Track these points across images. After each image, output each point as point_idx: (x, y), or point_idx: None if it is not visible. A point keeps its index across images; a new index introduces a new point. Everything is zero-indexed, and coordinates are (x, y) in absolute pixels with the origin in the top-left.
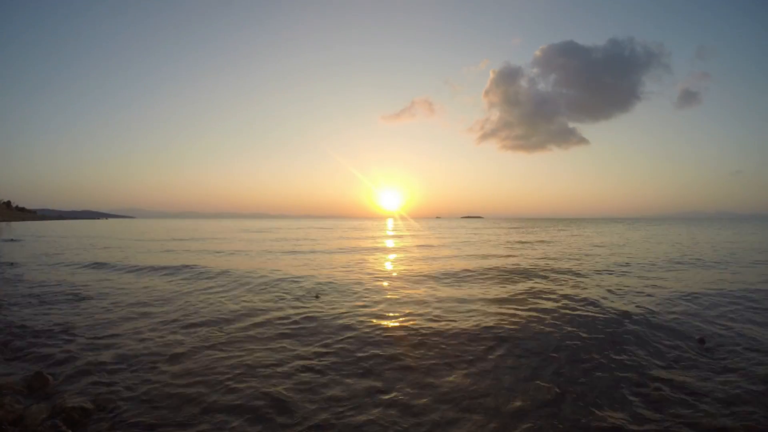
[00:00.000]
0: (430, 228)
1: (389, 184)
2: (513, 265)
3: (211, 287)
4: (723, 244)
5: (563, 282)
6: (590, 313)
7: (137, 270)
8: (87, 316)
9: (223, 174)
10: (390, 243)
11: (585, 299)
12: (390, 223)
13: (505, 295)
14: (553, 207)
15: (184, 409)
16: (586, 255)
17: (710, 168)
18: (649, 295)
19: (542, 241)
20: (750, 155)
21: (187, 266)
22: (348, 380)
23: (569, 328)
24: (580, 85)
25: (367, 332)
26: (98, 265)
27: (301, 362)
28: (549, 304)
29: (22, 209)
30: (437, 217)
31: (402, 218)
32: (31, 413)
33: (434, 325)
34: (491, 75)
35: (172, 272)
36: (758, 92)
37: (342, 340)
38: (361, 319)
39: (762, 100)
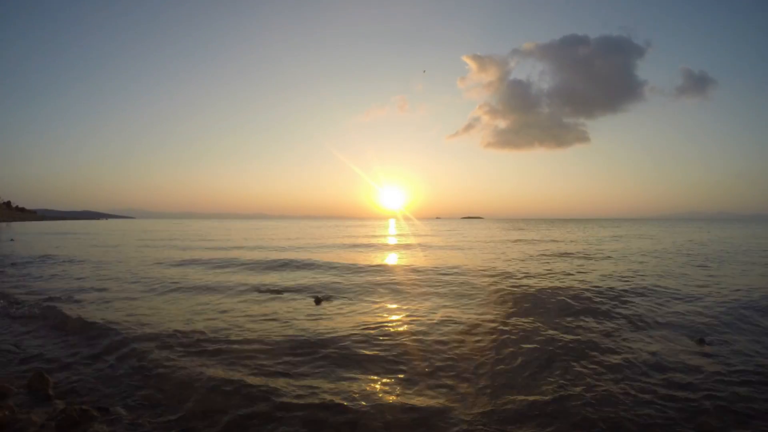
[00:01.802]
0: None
1: (389, 182)
2: None
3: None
4: None
5: None
6: None
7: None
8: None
9: (223, 175)
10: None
11: None
12: (405, 227)
13: None
14: (549, 207)
15: (184, 409)
16: None
17: (711, 168)
18: None
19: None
20: (751, 157)
21: None
22: None
23: None
24: (569, 80)
25: None
26: None
27: None
28: None
29: (22, 209)
30: (437, 218)
31: (406, 219)
32: (31, 414)
33: None
34: (471, 64)
35: None
36: (762, 94)
37: None
38: None
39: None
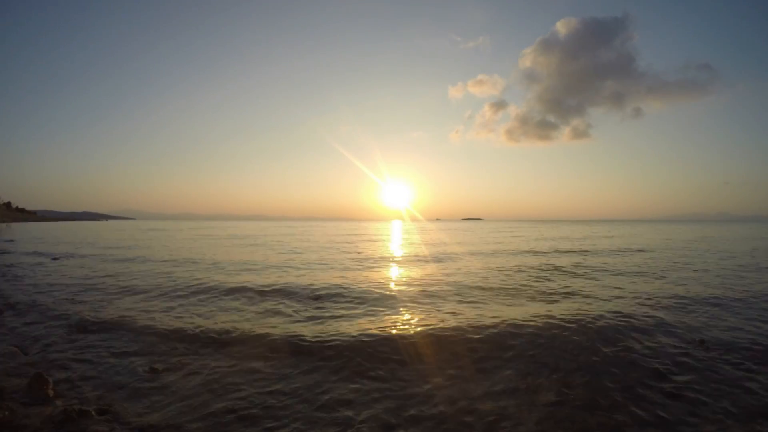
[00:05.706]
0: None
1: (393, 179)
2: None
3: None
4: None
5: None
6: None
7: None
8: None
9: (223, 176)
10: None
11: None
12: (414, 231)
13: None
14: (546, 208)
15: (183, 410)
16: None
17: (707, 174)
18: None
19: None
20: (742, 165)
21: None
22: None
23: None
24: (565, 71)
25: None
26: None
27: None
28: None
29: (22, 210)
30: (437, 219)
31: (414, 220)
32: (30, 414)
33: None
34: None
35: None
36: (761, 97)
37: None
38: None
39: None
